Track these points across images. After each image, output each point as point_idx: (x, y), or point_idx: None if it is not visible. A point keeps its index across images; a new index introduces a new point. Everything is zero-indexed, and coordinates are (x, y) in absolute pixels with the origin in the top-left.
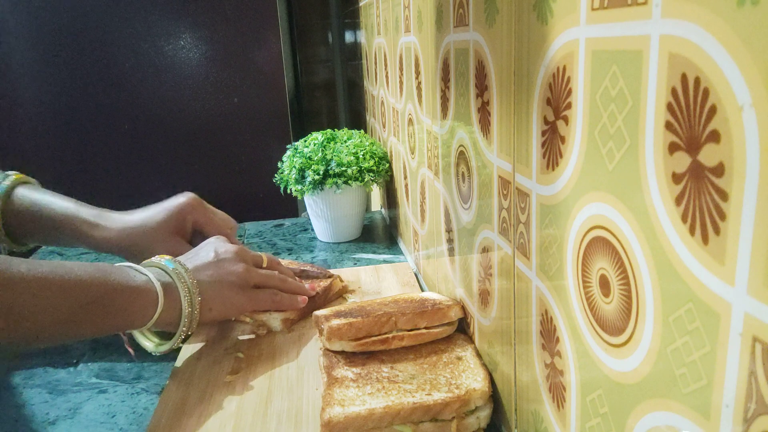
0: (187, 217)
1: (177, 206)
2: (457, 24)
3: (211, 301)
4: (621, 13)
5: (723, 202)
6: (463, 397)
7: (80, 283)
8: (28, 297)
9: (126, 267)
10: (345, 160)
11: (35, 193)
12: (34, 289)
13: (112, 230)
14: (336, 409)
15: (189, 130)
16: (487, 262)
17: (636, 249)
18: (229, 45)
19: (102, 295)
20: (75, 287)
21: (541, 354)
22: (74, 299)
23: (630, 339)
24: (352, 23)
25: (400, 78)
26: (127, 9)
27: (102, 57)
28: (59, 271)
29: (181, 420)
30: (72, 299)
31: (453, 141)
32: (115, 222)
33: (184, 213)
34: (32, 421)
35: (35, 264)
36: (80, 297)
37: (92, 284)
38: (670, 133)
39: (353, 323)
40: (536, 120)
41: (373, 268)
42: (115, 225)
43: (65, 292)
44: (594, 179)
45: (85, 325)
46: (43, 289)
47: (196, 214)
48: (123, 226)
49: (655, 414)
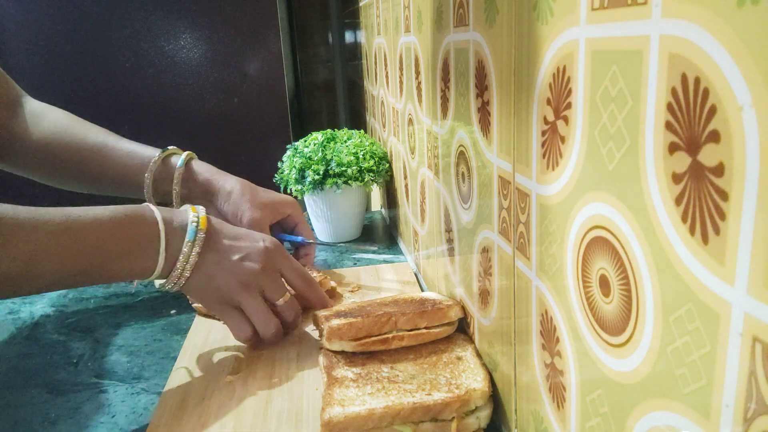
0: (286, 209)
1: (282, 197)
2: (457, 24)
3: (195, 280)
4: (621, 13)
5: (723, 202)
6: (463, 397)
7: (95, 222)
8: (45, 241)
9: (145, 207)
10: (345, 160)
11: (206, 167)
12: (51, 234)
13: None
14: (336, 409)
15: (189, 130)
16: (487, 262)
17: (636, 249)
18: (229, 45)
19: (114, 232)
20: (90, 227)
21: (541, 354)
22: (87, 240)
23: (630, 339)
24: (352, 23)
25: (400, 78)
26: (127, 9)
27: (102, 57)
28: (74, 212)
29: (181, 420)
30: (86, 240)
31: (453, 141)
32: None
33: (287, 203)
34: (32, 421)
35: (47, 210)
36: (93, 237)
37: (108, 222)
38: (670, 133)
39: (353, 323)
40: (536, 120)
41: (373, 268)
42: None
43: (80, 232)
44: (594, 179)
45: (100, 264)
46: (60, 232)
47: (296, 210)
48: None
49: (655, 414)
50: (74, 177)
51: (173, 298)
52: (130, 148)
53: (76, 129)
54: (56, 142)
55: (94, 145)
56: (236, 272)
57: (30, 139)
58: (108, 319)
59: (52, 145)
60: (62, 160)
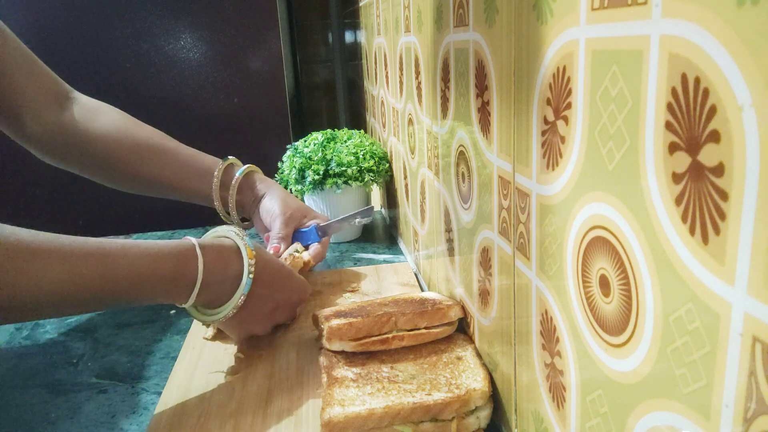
0: (308, 220)
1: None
2: (456, 24)
3: (232, 320)
4: (621, 13)
5: (723, 202)
6: (463, 397)
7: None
8: (77, 277)
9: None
10: (345, 160)
11: (260, 177)
12: (82, 273)
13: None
14: (336, 409)
15: (189, 130)
16: (487, 262)
17: (636, 249)
18: (229, 45)
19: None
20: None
21: (541, 354)
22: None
23: (630, 339)
24: (352, 23)
25: (400, 78)
26: (127, 9)
27: (102, 57)
28: (109, 246)
29: (181, 420)
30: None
31: (453, 141)
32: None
33: (305, 210)
34: (32, 421)
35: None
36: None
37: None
38: (670, 133)
39: (353, 323)
40: (536, 120)
41: (373, 268)
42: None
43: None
44: (594, 179)
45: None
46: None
47: (318, 217)
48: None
49: (655, 414)
50: (130, 177)
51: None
52: (191, 153)
53: (132, 128)
54: (113, 139)
55: (153, 146)
56: (266, 323)
57: (84, 135)
58: (108, 319)
59: (109, 142)
60: (119, 158)
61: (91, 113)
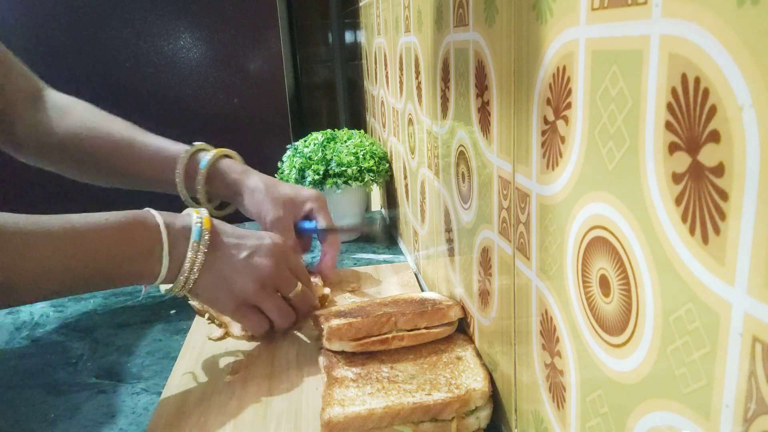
0: (307, 203)
1: (304, 191)
2: (456, 24)
3: (204, 282)
4: (621, 13)
5: (723, 202)
6: (463, 397)
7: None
8: (46, 248)
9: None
10: (345, 160)
11: (234, 165)
12: (52, 240)
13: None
14: (336, 409)
15: (189, 130)
16: (487, 262)
17: (636, 249)
18: (229, 45)
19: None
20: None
21: (541, 354)
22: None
23: (630, 339)
24: (352, 23)
25: (400, 78)
26: (126, 9)
27: (102, 57)
28: (74, 219)
29: (181, 420)
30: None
31: (453, 141)
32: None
33: (308, 197)
34: (32, 421)
35: (48, 217)
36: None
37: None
38: (670, 133)
39: (353, 323)
40: (536, 120)
41: (373, 268)
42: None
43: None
44: (594, 179)
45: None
46: (62, 239)
47: (317, 202)
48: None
49: (655, 414)
50: (103, 171)
51: (172, 298)
52: (159, 144)
53: (103, 123)
54: (83, 135)
55: (122, 139)
56: (249, 271)
57: (56, 133)
58: (108, 319)
59: (79, 138)
60: (90, 154)
61: (62, 111)
